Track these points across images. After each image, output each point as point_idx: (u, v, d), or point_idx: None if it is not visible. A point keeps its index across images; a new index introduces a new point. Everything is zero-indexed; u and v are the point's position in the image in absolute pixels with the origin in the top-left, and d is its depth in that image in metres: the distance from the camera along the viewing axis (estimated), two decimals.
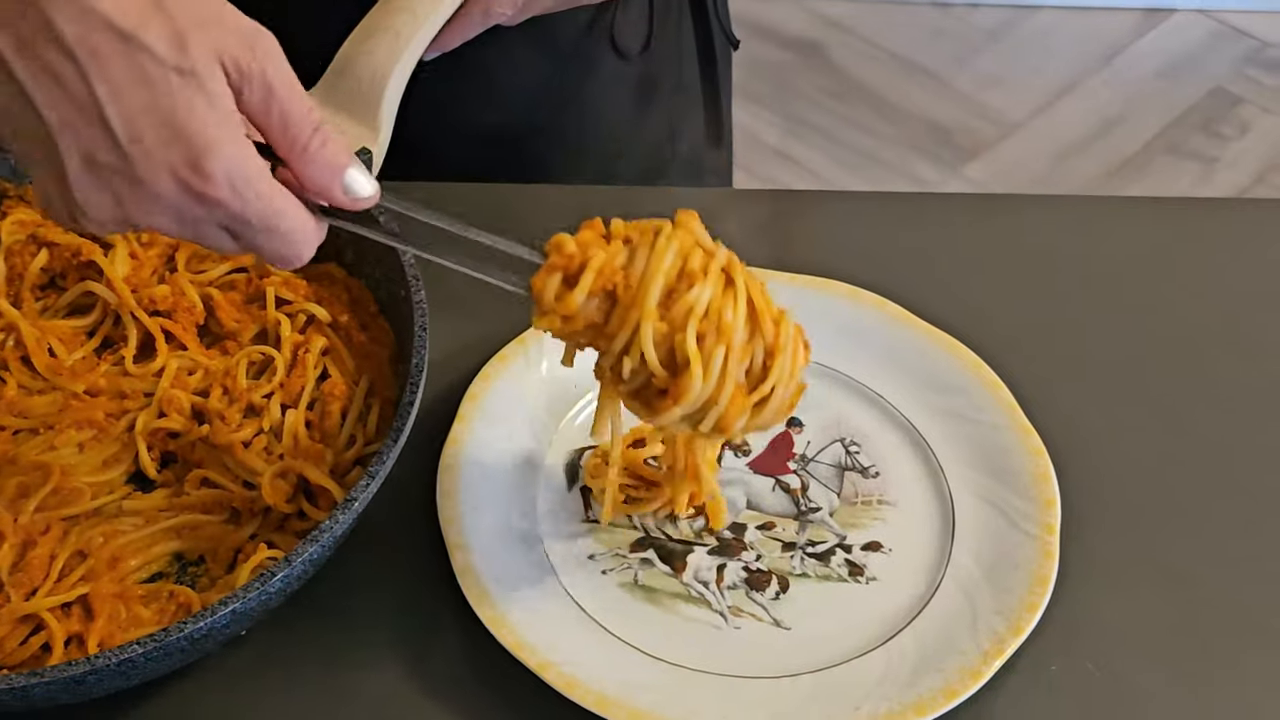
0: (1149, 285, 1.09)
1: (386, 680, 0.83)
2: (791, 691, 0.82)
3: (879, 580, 0.88)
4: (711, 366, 0.72)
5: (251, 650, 0.84)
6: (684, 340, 0.72)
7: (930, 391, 0.96)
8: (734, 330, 0.73)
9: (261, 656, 0.84)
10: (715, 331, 0.73)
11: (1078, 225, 1.13)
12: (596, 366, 0.78)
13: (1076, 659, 0.85)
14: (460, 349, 1.00)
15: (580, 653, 0.82)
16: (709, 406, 0.74)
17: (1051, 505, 0.89)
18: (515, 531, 0.89)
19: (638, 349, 0.73)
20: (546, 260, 0.75)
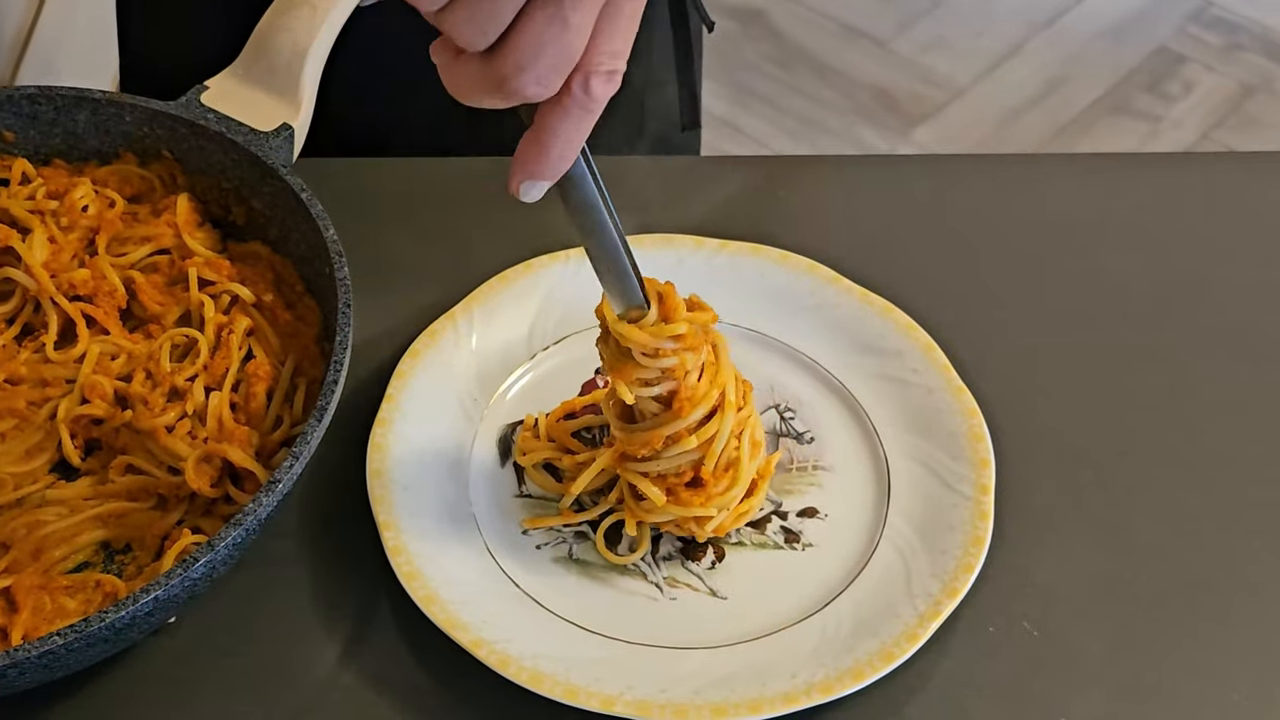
0: (1087, 244, 1.07)
1: (322, 664, 0.81)
2: (728, 661, 0.81)
3: (815, 547, 0.87)
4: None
5: (183, 637, 0.83)
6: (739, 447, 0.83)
7: (865, 355, 0.95)
8: (761, 449, 0.84)
9: (193, 643, 0.82)
10: (751, 443, 0.83)
11: (1016, 186, 1.12)
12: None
13: (1014, 619, 0.83)
14: (390, 326, 0.98)
15: (515, 629, 0.81)
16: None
17: (986, 466, 0.88)
18: (447, 509, 0.87)
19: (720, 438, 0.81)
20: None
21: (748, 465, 0.83)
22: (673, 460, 0.82)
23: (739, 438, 0.82)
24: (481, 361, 0.94)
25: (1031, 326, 1.00)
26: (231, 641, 0.82)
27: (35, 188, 0.97)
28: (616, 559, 0.86)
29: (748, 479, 0.83)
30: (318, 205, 0.90)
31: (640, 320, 0.78)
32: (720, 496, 0.82)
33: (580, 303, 0.96)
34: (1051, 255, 1.06)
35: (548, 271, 0.99)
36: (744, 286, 0.97)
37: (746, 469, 0.83)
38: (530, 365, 0.95)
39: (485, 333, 0.95)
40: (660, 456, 0.82)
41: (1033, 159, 1.21)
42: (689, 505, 0.82)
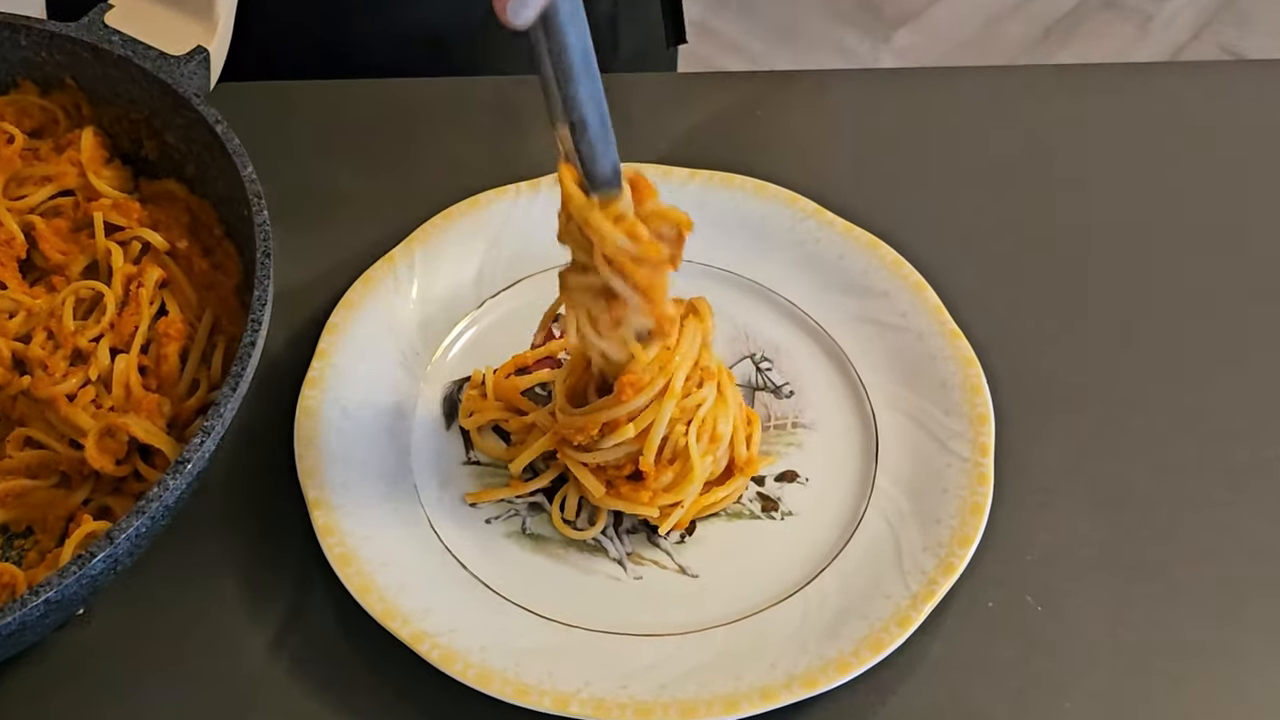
0: (1090, 167, 0.98)
1: (249, 657, 0.74)
2: (700, 649, 0.72)
3: (796, 515, 0.78)
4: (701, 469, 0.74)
5: (94, 629, 0.74)
6: (685, 436, 0.74)
7: (848, 296, 0.86)
8: (723, 441, 0.75)
9: (105, 635, 0.74)
10: (710, 438, 0.74)
11: (1010, 101, 1.02)
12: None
13: (1015, 592, 0.75)
14: (323, 271, 0.88)
15: (460, 618, 0.72)
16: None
17: (984, 422, 0.79)
18: (385, 481, 0.78)
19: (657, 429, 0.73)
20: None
21: (699, 460, 0.74)
22: (610, 451, 0.73)
23: (686, 425, 0.73)
24: (424, 310, 0.85)
25: (1031, 263, 0.91)
26: (148, 633, 0.74)
27: None
28: (574, 533, 0.77)
29: (701, 473, 0.74)
30: (234, 139, 0.80)
31: (612, 204, 0.67)
32: (666, 493, 0.74)
33: (534, 241, 0.87)
34: (1052, 181, 0.97)
35: (497, 207, 0.89)
36: (715, 221, 0.88)
37: (699, 464, 0.74)
38: (479, 313, 0.86)
39: (428, 278, 0.86)
40: (598, 446, 0.73)
41: (1028, 71, 1.09)
42: (630, 501, 0.74)
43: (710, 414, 0.75)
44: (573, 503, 0.78)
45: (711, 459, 0.75)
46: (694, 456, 0.74)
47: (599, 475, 0.75)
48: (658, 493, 0.74)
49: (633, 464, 0.74)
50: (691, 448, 0.74)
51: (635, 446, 0.73)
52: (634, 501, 0.74)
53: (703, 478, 0.75)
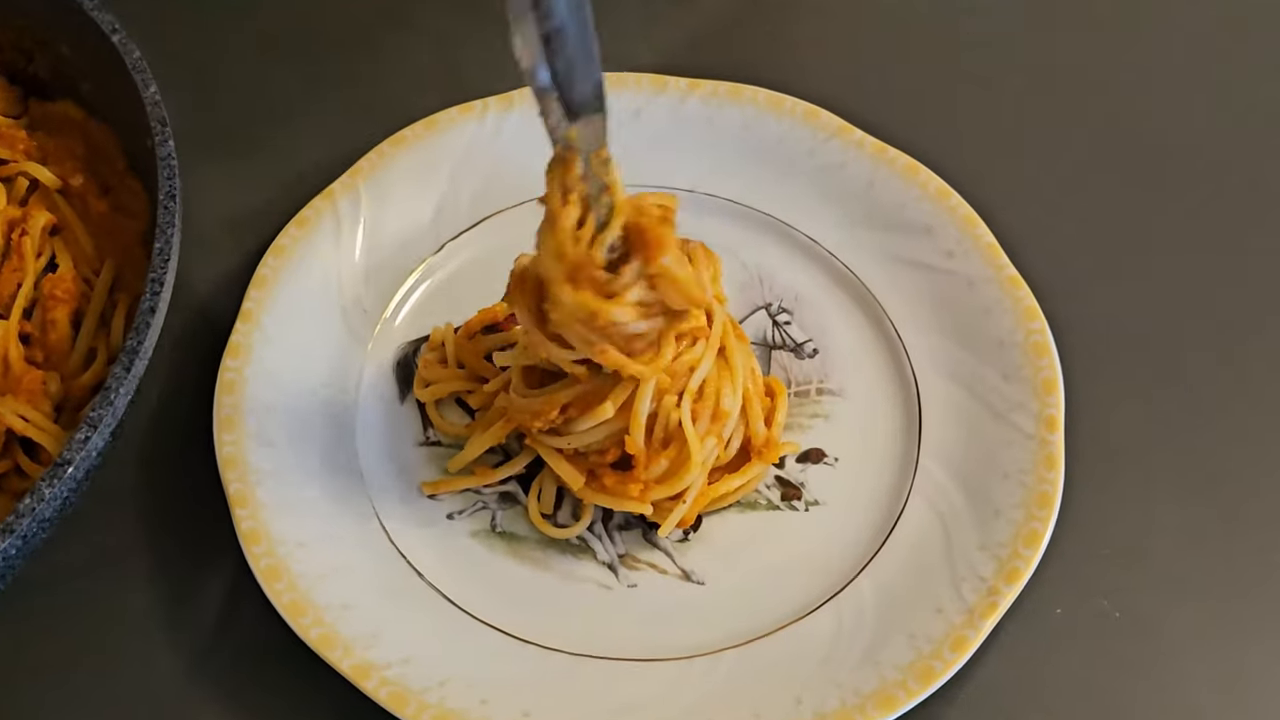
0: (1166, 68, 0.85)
1: (163, 682, 0.63)
2: (707, 677, 0.60)
3: (823, 505, 0.66)
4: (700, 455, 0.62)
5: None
6: (680, 415, 0.62)
7: (882, 232, 0.74)
8: (729, 418, 0.63)
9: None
10: (712, 415, 0.62)
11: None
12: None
13: (1088, 597, 0.65)
14: (251, 210, 0.76)
15: (415, 644, 0.61)
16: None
17: (1051, 389, 0.67)
18: (324, 470, 0.66)
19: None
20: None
21: (698, 442, 0.61)
22: (586, 435, 0.61)
23: (678, 398, 0.61)
24: (372, 257, 0.73)
25: (1105, 192, 0.79)
26: (39, 652, 0.64)
27: None
28: (555, 531, 0.65)
29: (702, 459, 0.62)
30: (134, 51, 0.68)
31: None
32: (660, 485, 0.62)
33: (505, 170, 0.75)
34: (1128, 89, 0.83)
35: (459, 130, 0.76)
36: (721, 142, 0.76)
37: (697, 447, 0.61)
38: (438, 259, 0.74)
39: (376, 217, 0.74)
40: (570, 430, 0.62)
41: None
42: (617, 495, 0.62)
43: (712, 383, 0.62)
44: (550, 493, 0.66)
45: (716, 440, 0.62)
46: (690, 438, 0.61)
47: (578, 463, 0.63)
48: (649, 485, 0.62)
49: (618, 448, 0.62)
50: (686, 427, 0.61)
51: (618, 426, 0.61)
52: (621, 495, 0.62)
53: (705, 464, 0.63)
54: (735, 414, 0.63)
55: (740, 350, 0.64)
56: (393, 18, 0.86)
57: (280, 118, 0.81)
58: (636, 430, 0.60)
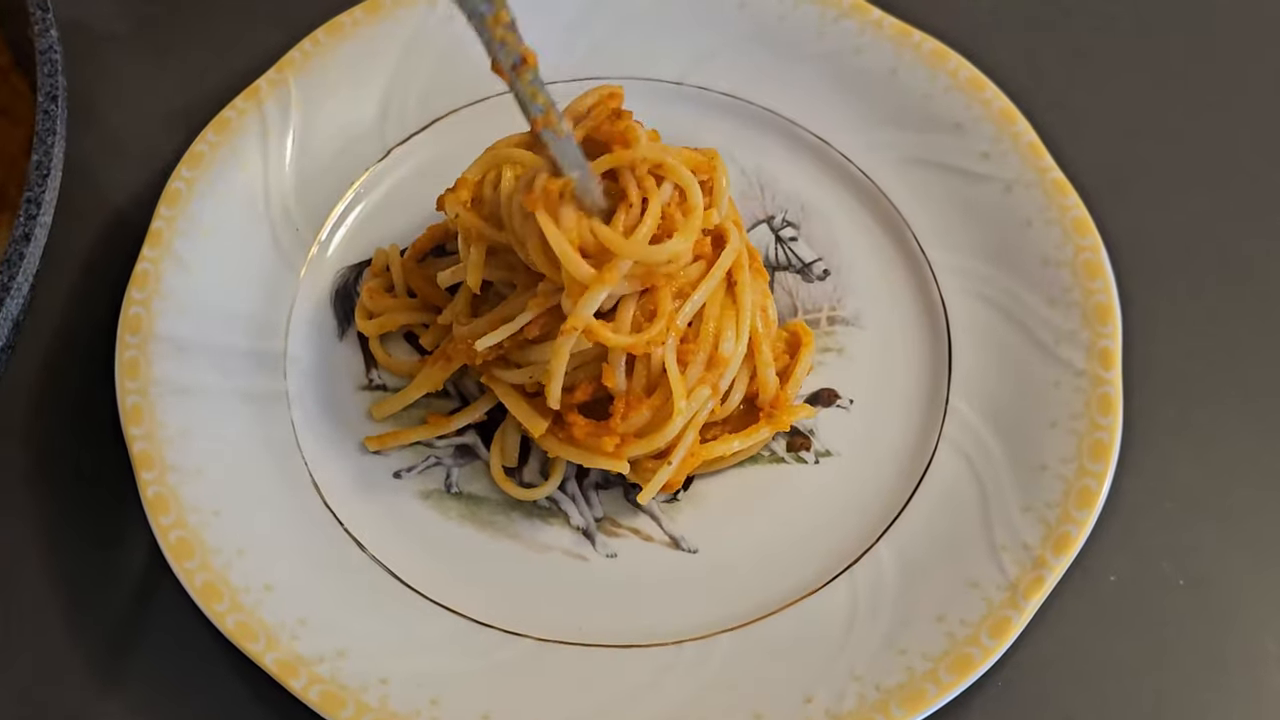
0: None
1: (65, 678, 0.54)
2: (700, 667, 0.53)
3: (836, 456, 0.58)
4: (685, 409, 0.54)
5: None
6: (665, 358, 0.53)
7: (903, 130, 0.66)
8: (729, 365, 0.55)
9: None
10: (707, 360, 0.54)
11: None
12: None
13: (1147, 561, 0.57)
14: (164, 110, 0.67)
15: (353, 632, 0.53)
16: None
17: (1105, 316, 0.59)
18: (247, 423, 0.58)
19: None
20: None
21: (683, 388, 0.53)
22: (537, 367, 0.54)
23: (665, 333, 0.52)
24: (305, 166, 0.65)
25: (1162, 77, 0.71)
26: None
27: None
28: (520, 491, 0.57)
29: (686, 411, 0.53)
30: None
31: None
32: (640, 440, 0.54)
33: (458, 63, 0.67)
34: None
35: (407, 13, 0.67)
36: (713, 23, 0.68)
37: (681, 394, 0.53)
38: (383, 168, 0.65)
39: (310, 119, 0.65)
40: (530, 360, 0.54)
41: None
42: (587, 448, 0.54)
43: (711, 321, 0.54)
44: (514, 446, 0.57)
45: (711, 391, 0.53)
46: (674, 381, 0.52)
47: (541, 406, 0.54)
48: (627, 439, 0.54)
49: (590, 383, 0.54)
50: (671, 369, 0.53)
51: (588, 349, 0.53)
52: (592, 449, 0.54)
53: (696, 419, 0.54)
54: (736, 362, 0.54)
55: (754, 287, 0.55)
56: None
57: (195, 4, 0.71)
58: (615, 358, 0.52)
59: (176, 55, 0.69)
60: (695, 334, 0.53)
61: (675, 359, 0.53)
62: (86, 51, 0.60)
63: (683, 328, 0.53)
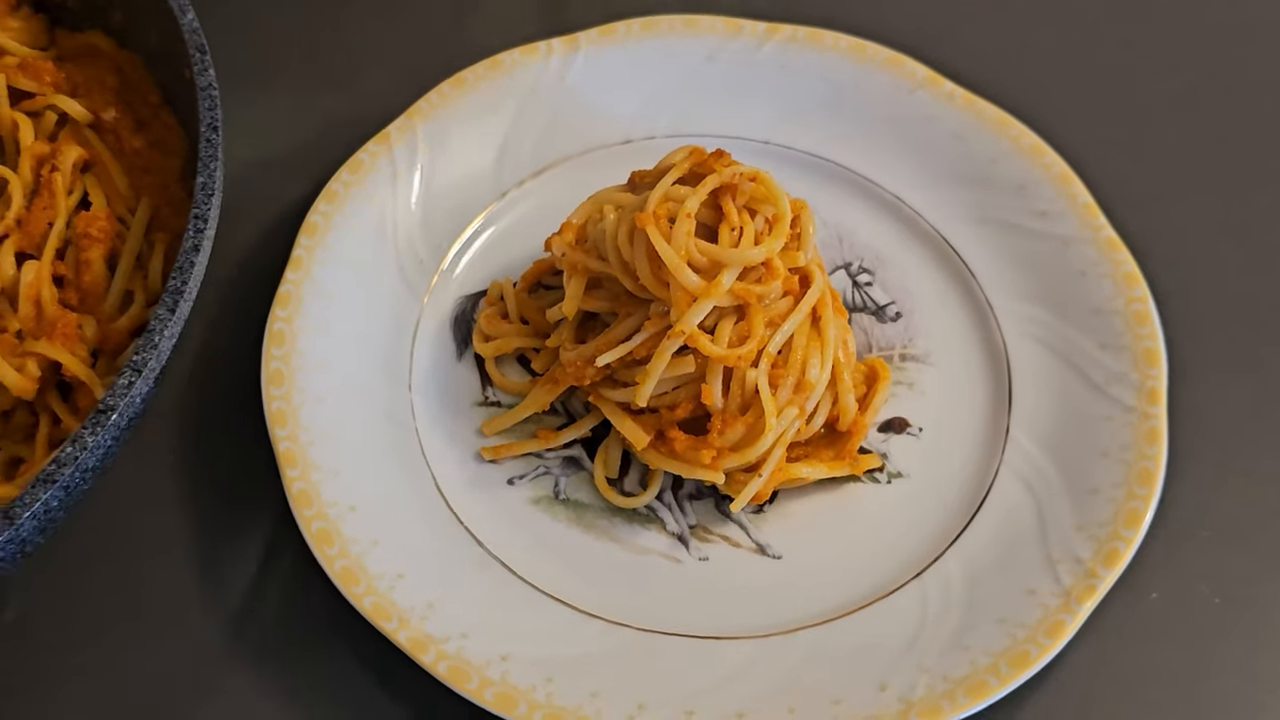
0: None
1: (202, 647, 0.62)
2: (784, 657, 0.60)
3: (906, 478, 0.66)
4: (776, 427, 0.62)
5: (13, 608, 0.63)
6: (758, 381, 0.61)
7: (969, 189, 0.73)
8: (814, 390, 0.63)
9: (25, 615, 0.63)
10: (795, 384, 0.62)
11: None
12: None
13: (1186, 580, 0.64)
14: (300, 152, 0.76)
15: (474, 617, 0.60)
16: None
17: (1154, 361, 0.66)
18: (379, 430, 0.66)
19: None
20: None
21: (774, 408, 0.61)
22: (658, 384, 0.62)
23: (756, 360, 0.61)
24: (429, 205, 0.73)
25: (1210, 150, 0.78)
26: (76, 621, 0.63)
27: None
28: (621, 500, 0.64)
29: (777, 428, 0.61)
30: None
31: None
32: (735, 454, 0.61)
33: (570, 115, 0.76)
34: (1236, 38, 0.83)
35: (521, 72, 0.76)
36: (799, 91, 0.77)
37: (773, 413, 0.61)
38: (499, 208, 0.73)
39: (435, 162, 0.74)
40: (633, 379, 0.62)
41: None
42: (687, 461, 0.62)
43: (799, 350, 0.62)
44: (616, 459, 0.65)
45: (798, 411, 0.61)
46: (765, 399, 0.60)
47: (644, 422, 0.63)
48: (723, 452, 0.61)
49: (690, 402, 0.61)
50: (763, 389, 0.61)
51: (690, 371, 0.61)
52: (692, 462, 0.62)
53: (778, 431, 0.62)
54: (821, 387, 0.62)
55: (836, 323, 0.63)
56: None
57: (329, 52, 0.81)
58: (713, 376, 0.60)
59: (315, 100, 0.78)
60: (785, 360, 0.61)
61: (767, 381, 0.61)
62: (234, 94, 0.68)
63: (774, 354, 0.61)
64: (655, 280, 0.60)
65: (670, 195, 0.60)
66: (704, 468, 0.61)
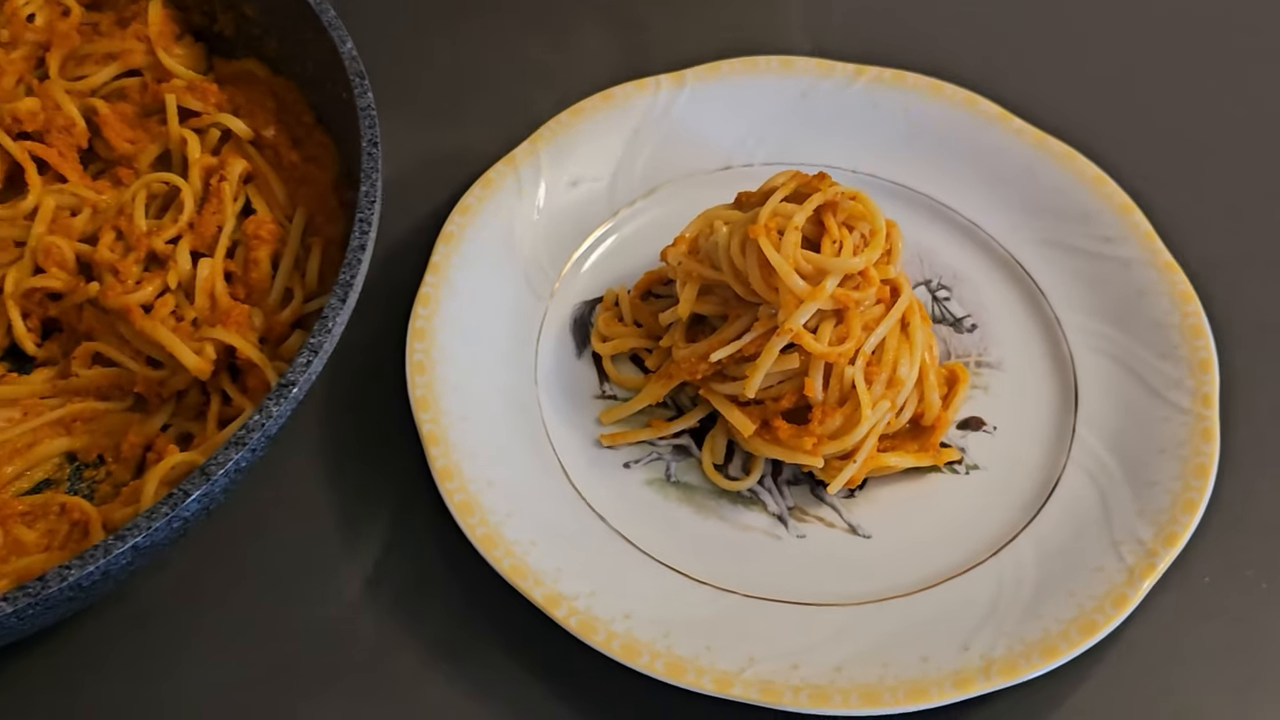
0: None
1: (346, 608, 0.69)
2: (877, 622, 0.67)
3: (983, 469, 0.72)
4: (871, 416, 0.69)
5: (180, 568, 0.69)
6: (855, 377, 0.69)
7: (1039, 216, 0.80)
8: (904, 386, 0.70)
9: (191, 576, 0.69)
10: (887, 381, 0.70)
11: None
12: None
13: (1235, 566, 0.71)
14: (434, 172, 0.83)
15: (600, 580, 0.67)
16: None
17: (1206, 369, 0.73)
18: (509, 417, 0.73)
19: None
20: None
21: (869, 402, 0.68)
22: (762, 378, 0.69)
23: (853, 359, 0.68)
24: (551, 220, 0.80)
25: (1259, 184, 0.86)
26: (233, 579, 0.70)
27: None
28: (726, 483, 0.71)
29: (871, 419, 0.69)
30: (329, 10, 0.75)
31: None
32: (833, 441, 0.69)
33: (676, 143, 0.83)
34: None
35: (635, 103, 0.83)
36: (884, 126, 0.84)
37: (869, 405, 0.68)
38: (614, 224, 0.81)
39: (556, 182, 0.81)
40: (740, 374, 0.69)
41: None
42: (790, 447, 0.69)
43: (890, 351, 0.69)
44: (721, 447, 0.72)
45: (890, 405, 0.68)
46: (862, 393, 0.68)
47: (750, 412, 0.70)
48: (823, 439, 0.68)
49: (794, 395, 0.68)
50: (859, 385, 0.68)
51: (794, 367, 0.68)
52: (795, 448, 0.69)
53: (877, 426, 0.69)
54: (910, 384, 0.70)
55: (922, 329, 0.71)
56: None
57: (461, 85, 0.88)
58: (815, 371, 0.67)
59: (435, 126, 0.86)
60: (878, 360, 0.69)
61: (863, 377, 0.69)
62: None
63: (868, 354, 0.69)
64: (765, 285, 0.68)
65: (778, 211, 0.68)
66: (805, 453, 0.69)
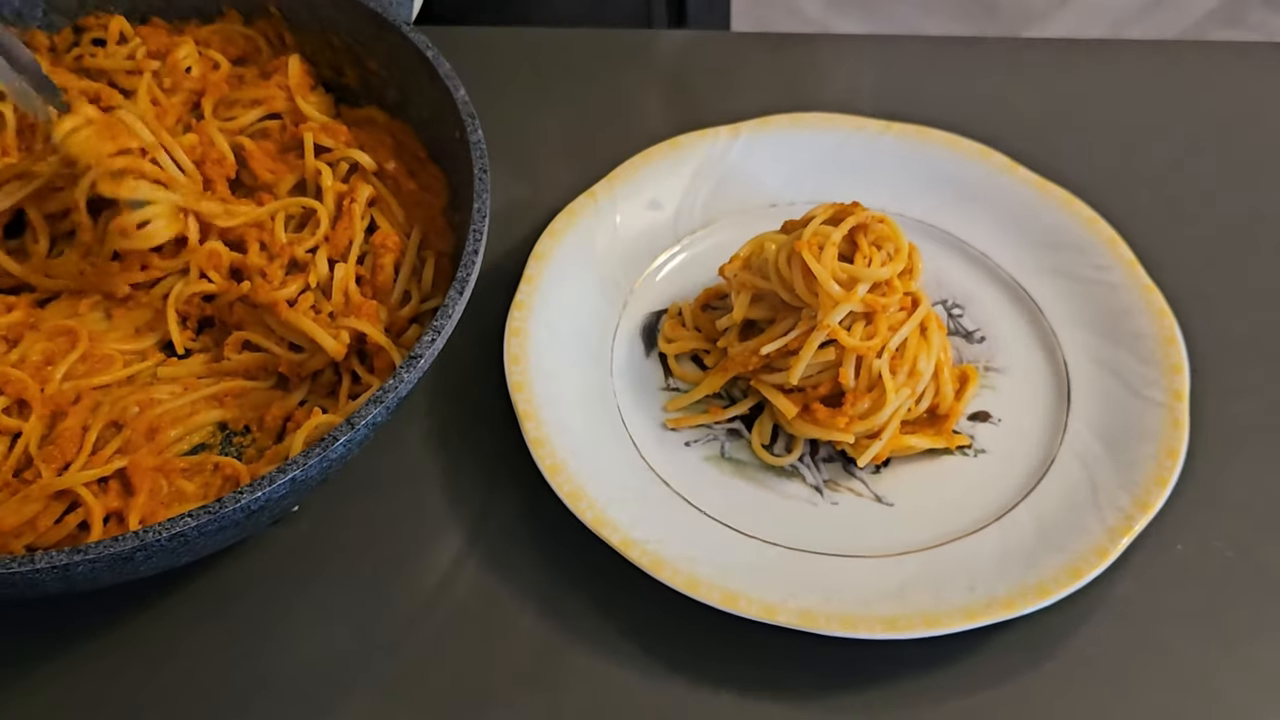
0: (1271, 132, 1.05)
1: (447, 560, 0.82)
2: (898, 571, 0.79)
3: (989, 453, 0.86)
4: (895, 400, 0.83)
5: (303, 527, 0.83)
6: (881, 368, 0.82)
7: (1039, 248, 0.94)
8: (922, 378, 0.83)
9: (312, 534, 0.83)
10: (908, 372, 0.83)
11: (1180, 70, 1.11)
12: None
13: (1205, 537, 0.83)
14: (522, 204, 0.97)
15: (666, 530, 0.80)
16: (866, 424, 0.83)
17: (1178, 370, 0.86)
18: (590, 401, 0.86)
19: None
20: None
21: (894, 388, 0.82)
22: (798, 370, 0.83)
23: (879, 353, 0.82)
24: (625, 244, 0.94)
25: (1219, 219, 0.99)
26: (353, 533, 0.83)
27: (134, 47, 0.95)
28: (772, 459, 0.85)
29: (895, 402, 0.82)
30: (445, 63, 0.89)
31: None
32: (863, 421, 0.82)
33: (731, 183, 0.97)
34: (1235, 143, 1.05)
35: (695, 150, 0.98)
36: (909, 172, 0.98)
37: (893, 390, 0.82)
38: (678, 249, 0.96)
39: (629, 212, 0.95)
40: (783, 365, 0.83)
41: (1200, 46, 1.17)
42: (826, 426, 0.82)
43: (911, 349, 0.83)
44: (768, 430, 0.86)
45: (910, 392, 0.83)
46: (887, 381, 0.81)
47: (794, 398, 0.83)
48: (854, 420, 0.82)
49: (830, 383, 0.82)
50: (885, 375, 0.81)
51: (830, 360, 0.82)
52: (830, 427, 0.82)
53: (896, 405, 0.82)
54: (928, 376, 0.83)
55: (938, 334, 0.84)
56: (637, 60, 1.09)
57: (544, 140, 1.02)
58: (848, 362, 0.81)
59: (526, 169, 0.99)
60: (900, 355, 0.83)
61: (888, 368, 0.83)
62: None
63: (893, 350, 0.83)
64: (807, 291, 0.82)
65: (819, 231, 0.83)
66: (839, 431, 0.82)
